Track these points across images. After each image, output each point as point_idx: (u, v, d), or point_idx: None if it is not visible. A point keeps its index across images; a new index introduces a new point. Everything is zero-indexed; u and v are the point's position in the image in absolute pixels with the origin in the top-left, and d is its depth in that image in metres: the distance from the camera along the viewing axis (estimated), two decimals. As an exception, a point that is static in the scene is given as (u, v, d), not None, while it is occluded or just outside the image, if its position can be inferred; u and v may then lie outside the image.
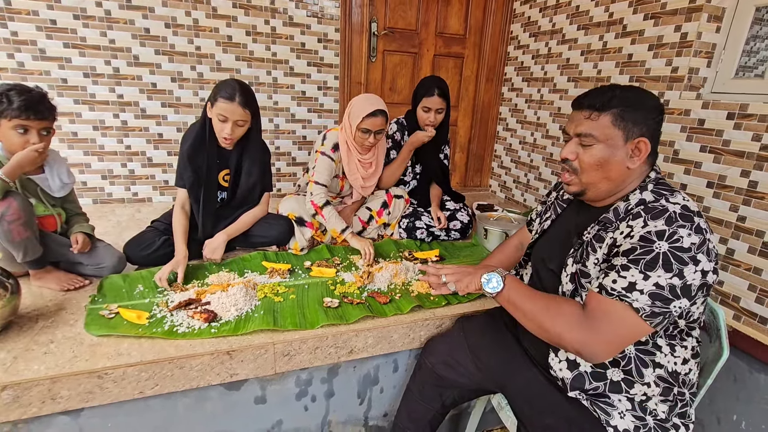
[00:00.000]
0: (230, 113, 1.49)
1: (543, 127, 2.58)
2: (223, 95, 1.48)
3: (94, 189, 2.33)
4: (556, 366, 1.00)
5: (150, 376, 1.12)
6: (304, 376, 1.34)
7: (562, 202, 1.15)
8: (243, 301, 1.34)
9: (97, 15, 2.09)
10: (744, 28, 1.60)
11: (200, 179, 1.59)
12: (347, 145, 1.85)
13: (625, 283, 0.82)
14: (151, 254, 1.57)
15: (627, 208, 0.90)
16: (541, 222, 1.20)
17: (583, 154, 0.92)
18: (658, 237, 0.80)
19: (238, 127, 1.54)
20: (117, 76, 2.20)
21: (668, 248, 0.79)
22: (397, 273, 1.59)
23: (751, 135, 1.47)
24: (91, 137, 2.25)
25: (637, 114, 0.88)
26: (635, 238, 0.83)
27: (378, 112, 1.73)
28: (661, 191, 0.89)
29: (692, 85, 1.73)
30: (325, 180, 1.82)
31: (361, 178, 1.91)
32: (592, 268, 0.92)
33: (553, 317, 0.90)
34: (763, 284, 1.45)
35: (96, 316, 1.26)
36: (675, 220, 0.81)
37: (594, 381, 0.94)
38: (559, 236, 1.08)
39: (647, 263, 0.80)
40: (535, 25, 2.61)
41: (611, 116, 0.88)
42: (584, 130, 0.91)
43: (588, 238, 0.95)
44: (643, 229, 0.82)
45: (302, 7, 2.40)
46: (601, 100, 0.89)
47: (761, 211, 1.44)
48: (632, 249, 0.82)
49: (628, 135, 0.88)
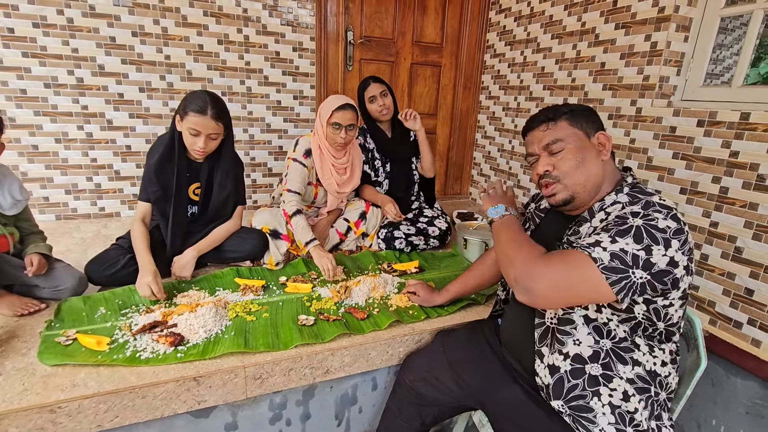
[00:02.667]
0: (202, 127, 1.43)
1: (521, 134, 2.59)
2: (193, 108, 1.41)
3: (57, 204, 2.21)
4: (541, 372, 0.97)
5: (109, 407, 1.04)
6: (278, 399, 1.28)
7: (540, 212, 1.15)
8: (212, 322, 1.27)
9: (59, 23, 2.01)
10: (710, 37, 1.63)
11: (168, 194, 1.52)
12: (320, 149, 1.82)
13: (591, 240, 0.83)
14: (116, 274, 1.48)
15: (602, 207, 0.93)
16: None
17: (558, 162, 0.94)
18: (633, 215, 0.81)
19: (211, 140, 1.48)
20: (81, 86, 2.11)
21: (642, 223, 0.79)
22: (376, 287, 1.55)
23: (721, 142, 1.49)
24: (53, 150, 2.14)
25: (585, 116, 0.96)
26: (611, 216, 0.86)
27: (347, 105, 1.73)
28: (636, 194, 0.90)
29: (663, 93, 1.76)
30: (298, 187, 1.78)
31: (336, 183, 1.87)
32: None
33: (520, 248, 0.91)
34: (736, 289, 1.46)
35: (51, 343, 1.17)
36: (652, 205, 0.82)
37: (573, 378, 0.92)
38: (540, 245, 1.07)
39: (618, 232, 0.80)
40: (510, 34, 2.63)
41: (565, 120, 0.95)
42: (550, 139, 0.95)
43: (566, 239, 0.97)
44: (621, 211, 0.85)
45: (276, 15, 2.36)
46: (549, 113, 0.97)
47: (732, 216, 1.46)
48: (606, 224, 0.84)
49: (588, 132, 0.95)
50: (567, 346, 0.93)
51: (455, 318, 1.44)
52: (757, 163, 1.39)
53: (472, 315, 1.46)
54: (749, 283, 1.43)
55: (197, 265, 1.60)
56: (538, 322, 0.99)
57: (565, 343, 0.93)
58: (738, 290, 1.46)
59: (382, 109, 1.98)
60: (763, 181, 1.38)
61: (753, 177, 1.41)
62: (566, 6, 2.17)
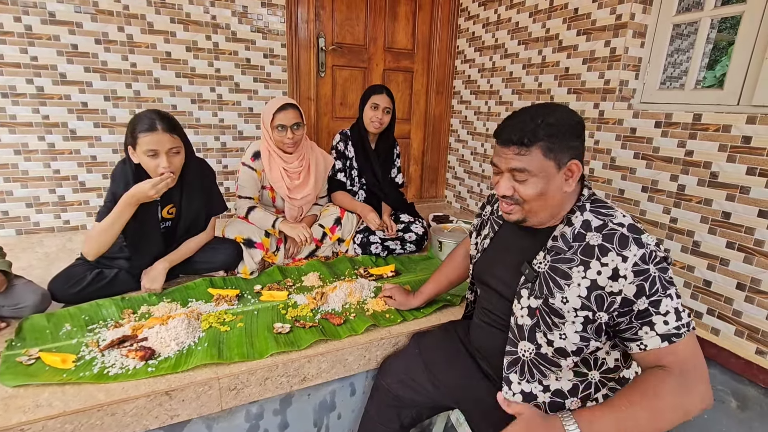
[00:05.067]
0: (158, 144, 1.34)
1: (492, 138, 2.65)
2: (142, 129, 1.33)
3: (17, 219, 2.12)
4: (510, 397, 0.97)
5: (75, 427, 1.00)
6: (254, 409, 1.26)
7: (498, 218, 1.12)
8: (185, 334, 1.25)
9: (16, 31, 1.93)
10: (664, 43, 1.72)
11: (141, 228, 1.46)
12: (269, 152, 1.81)
13: (673, 316, 0.80)
14: (82, 291, 1.42)
15: (574, 233, 0.89)
16: (480, 238, 1.17)
17: (520, 188, 0.90)
18: (644, 262, 0.80)
19: (174, 155, 1.39)
20: (41, 95, 2.03)
21: (656, 270, 0.80)
22: (352, 292, 1.55)
23: (677, 142, 1.57)
24: (12, 162, 2.05)
25: (563, 140, 0.86)
26: (629, 277, 0.80)
27: (287, 105, 1.73)
28: (599, 210, 0.90)
29: (623, 96, 1.84)
30: (249, 192, 1.79)
31: (286, 188, 1.85)
32: (562, 306, 0.87)
33: (664, 409, 0.78)
34: (696, 281, 1.54)
35: (12, 363, 1.12)
36: (638, 239, 0.82)
37: (551, 411, 0.94)
38: (502, 258, 1.05)
39: (661, 288, 0.80)
40: (479, 40, 2.70)
41: (540, 149, 0.86)
42: (517, 166, 0.88)
43: (543, 270, 0.91)
44: (627, 264, 0.81)
45: (246, 22, 2.34)
46: (526, 134, 0.85)
47: (690, 212, 1.54)
48: (640, 288, 0.80)
49: (560, 163, 0.87)
50: (549, 379, 0.93)
51: (431, 320, 1.46)
52: (710, 162, 1.47)
53: (447, 316, 1.49)
54: (707, 275, 1.50)
55: (168, 277, 1.56)
56: (510, 350, 0.97)
57: (547, 376, 0.93)
58: (697, 282, 1.53)
59: (376, 121, 1.98)
60: (716, 178, 1.46)
61: (706, 175, 1.49)
62: (531, 13, 2.24)
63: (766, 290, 1.35)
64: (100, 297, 1.44)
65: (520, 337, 0.95)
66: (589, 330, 0.86)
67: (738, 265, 1.41)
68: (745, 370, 1.38)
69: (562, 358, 0.90)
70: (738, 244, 1.41)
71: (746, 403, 1.39)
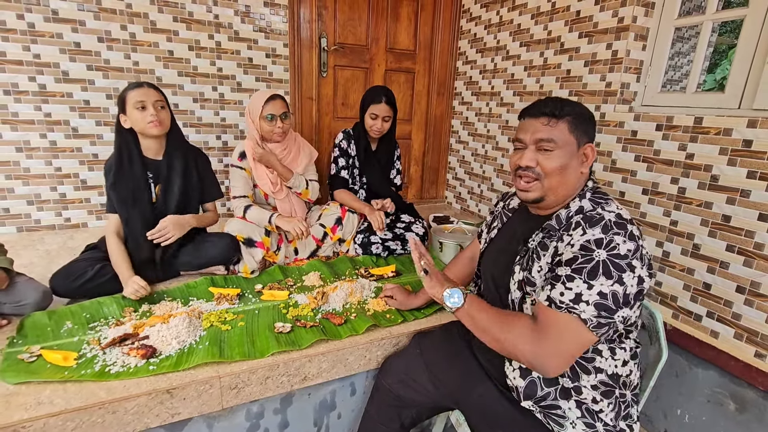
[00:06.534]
0: (145, 95, 1.47)
1: (493, 139, 2.66)
2: (130, 87, 1.48)
3: (18, 216, 2.12)
4: (511, 375, 1.00)
5: (77, 425, 1.01)
6: (255, 408, 1.26)
7: (508, 212, 1.18)
8: (186, 333, 1.25)
9: (19, 28, 1.93)
10: (666, 46, 1.73)
11: (132, 201, 1.52)
12: (252, 149, 1.82)
13: (571, 294, 0.84)
14: (84, 285, 1.43)
15: (567, 215, 0.94)
16: (489, 232, 1.22)
17: (544, 160, 0.94)
18: (597, 245, 0.84)
19: (161, 109, 1.51)
20: (43, 93, 2.04)
21: (606, 256, 0.82)
22: (353, 292, 1.56)
23: (678, 145, 1.58)
24: (14, 160, 2.05)
25: (585, 123, 0.94)
26: (575, 246, 0.86)
27: (275, 95, 1.77)
28: (597, 200, 0.94)
29: (624, 99, 1.84)
30: (242, 191, 1.82)
31: (270, 183, 1.86)
32: (536, 275, 0.94)
33: (507, 331, 0.92)
34: (695, 283, 1.54)
35: (14, 360, 1.13)
36: (610, 228, 0.85)
37: (546, 387, 0.95)
38: (505, 245, 1.10)
39: (589, 272, 0.83)
40: (481, 42, 2.70)
41: (567, 123, 0.93)
42: (545, 136, 0.93)
43: (533, 246, 0.97)
44: (582, 238, 0.86)
45: (248, 22, 2.35)
46: (556, 108, 0.93)
47: (690, 215, 1.55)
48: (574, 258, 0.85)
49: (580, 142, 0.94)
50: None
51: (431, 320, 1.46)
52: (710, 165, 1.48)
53: (448, 316, 1.49)
54: (707, 278, 1.51)
55: (170, 275, 1.58)
56: None
57: None
58: (697, 285, 1.54)
59: (376, 130, 2.00)
60: (716, 181, 1.46)
61: (707, 177, 1.49)
62: (533, 15, 2.25)
63: (765, 293, 1.35)
64: (102, 292, 1.45)
65: (513, 310, 1.00)
66: None
67: (738, 268, 1.42)
68: (744, 373, 1.39)
69: None
70: (738, 247, 1.41)
71: (745, 405, 1.39)
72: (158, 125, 1.49)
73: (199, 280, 1.61)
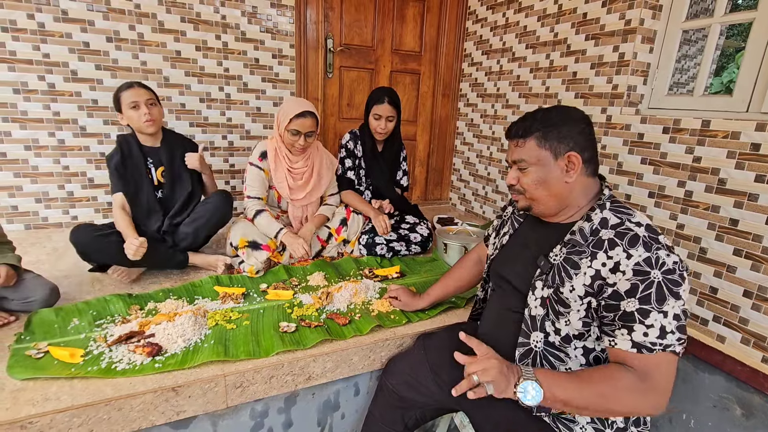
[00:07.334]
0: (137, 95, 1.61)
1: (498, 141, 2.66)
2: (122, 88, 1.62)
3: (26, 213, 2.14)
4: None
5: (83, 421, 1.01)
6: (259, 407, 1.26)
7: (519, 217, 1.16)
8: (191, 331, 1.26)
9: (29, 28, 1.96)
10: (673, 48, 1.72)
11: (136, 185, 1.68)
12: (276, 152, 1.82)
13: (656, 331, 0.81)
14: (106, 237, 1.55)
15: (592, 228, 0.91)
16: (499, 237, 1.20)
17: (523, 178, 0.99)
18: (648, 265, 0.81)
19: (152, 106, 1.64)
20: (52, 92, 2.06)
21: (662, 276, 0.81)
22: (357, 292, 1.56)
23: (685, 148, 1.57)
24: (22, 158, 2.08)
25: (560, 131, 0.93)
26: (628, 273, 0.82)
27: (307, 113, 1.74)
28: (619, 209, 0.92)
29: (631, 101, 1.83)
30: (257, 192, 1.81)
31: (288, 188, 1.86)
32: (569, 296, 0.90)
33: (616, 399, 0.83)
34: (702, 288, 1.53)
35: (21, 356, 1.14)
36: (650, 243, 0.83)
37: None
38: (519, 253, 1.08)
39: (657, 299, 0.80)
40: (486, 44, 2.70)
41: (535, 140, 0.95)
42: (516, 157, 0.99)
43: (557, 261, 0.94)
44: (629, 261, 0.82)
45: (255, 22, 2.36)
46: (523, 127, 0.97)
47: (696, 218, 1.54)
48: (633, 287, 0.82)
49: (556, 153, 0.94)
50: (558, 370, 0.95)
51: (436, 321, 1.46)
52: (718, 168, 1.47)
53: (453, 318, 1.49)
54: (713, 282, 1.50)
55: (178, 268, 1.72)
56: (522, 341, 0.99)
57: (556, 368, 0.95)
58: (703, 289, 1.53)
59: (380, 131, 2.00)
60: (723, 185, 1.46)
61: (714, 181, 1.48)
62: (539, 17, 2.25)
63: (773, 298, 1.34)
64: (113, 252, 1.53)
65: (533, 328, 0.97)
66: (590, 316, 0.90)
67: (745, 272, 1.41)
68: (750, 378, 1.38)
69: (568, 345, 0.93)
70: (745, 252, 1.40)
71: (751, 411, 1.38)
72: (152, 123, 1.64)
73: (204, 278, 1.62)
